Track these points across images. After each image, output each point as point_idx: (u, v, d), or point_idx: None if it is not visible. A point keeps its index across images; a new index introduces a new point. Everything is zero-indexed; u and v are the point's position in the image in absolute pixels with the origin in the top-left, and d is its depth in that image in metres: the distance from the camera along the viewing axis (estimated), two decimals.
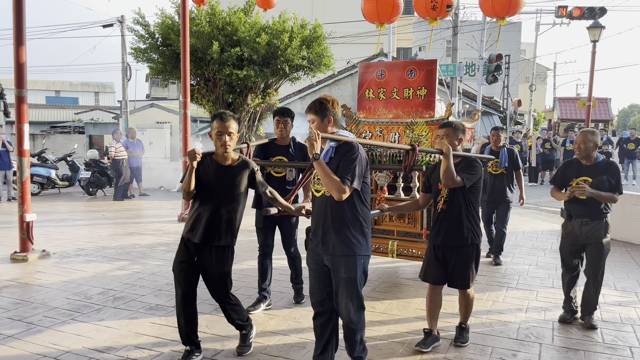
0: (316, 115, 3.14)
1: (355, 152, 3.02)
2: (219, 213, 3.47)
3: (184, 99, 9.47)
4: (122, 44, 21.02)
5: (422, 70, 5.45)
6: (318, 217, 3.15)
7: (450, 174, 3.62)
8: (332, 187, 2.93)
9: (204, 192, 3.47)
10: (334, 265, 3.06)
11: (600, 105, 27.48)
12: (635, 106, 78.94)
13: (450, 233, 3.79)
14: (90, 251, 6.95)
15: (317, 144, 2.94)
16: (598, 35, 10.23)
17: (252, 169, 3.58)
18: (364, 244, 3.09)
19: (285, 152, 4.69)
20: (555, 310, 4.84)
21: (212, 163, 3.50)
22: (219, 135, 3.42)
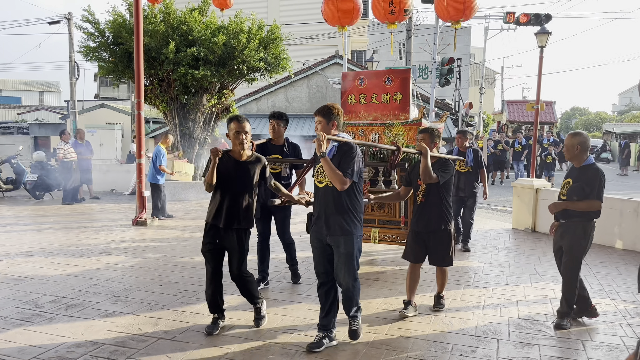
0: (323, 118, 3.80)
1: (354, 151, 3.75)
2: (238, 201, 4.08)
3: (137, 99, 9.21)
4: (70, 42, 20.30)
5: (397, 78, 6.29)
6: (321, 204, 3.86)
7: (427, 172, 4.34)
8: (336, 180, 3.65)
9: (224, 184, 4.08)
10: (335, 243, 3.78)
11: (546, 108, 28.62)
12: (577, 109, 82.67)
13: (428, 221, 4.54)
14: (40, 257, 6.66)
15: (324, 143, 3.60)
16: (545, 41, 10.66)
17: (263, 163, 4.25)
18: (358, 226, 3.83)
19: (280, 151, 5.36)
20: (510, 307, 5.00)
21: (230, 159, 4.12)
22: (237, 135, 4.06)
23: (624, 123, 46.92)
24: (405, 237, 5.83)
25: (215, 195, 4.14)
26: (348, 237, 3.76)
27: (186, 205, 11.68)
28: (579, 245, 4.44)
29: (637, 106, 58.63)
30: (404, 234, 6.00)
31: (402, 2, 5.76)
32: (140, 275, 5.88)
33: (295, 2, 28.20)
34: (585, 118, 70.94)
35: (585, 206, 4.35)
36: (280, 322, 4.49)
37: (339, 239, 3.76)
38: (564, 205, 4.43)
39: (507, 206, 12.17)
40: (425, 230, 4.58)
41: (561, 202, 4.47)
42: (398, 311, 4.70)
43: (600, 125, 56.90)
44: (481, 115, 33.84)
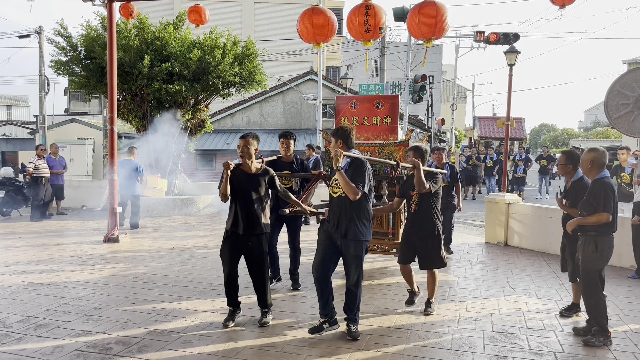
0: (340, 139, 4.44)
1: (365, 166, 4.34)
2: (252, 209, 4.58)
3: (110, 114, 9.10)
4: (40, 56, 19.95)
5: (387, 102, 6.92)
6: (335, 211, 4.43)
7: (421, 182, 4.83)
8: (350, 191, 4.21)
9: (238, 195, 4.59)
10: (346, 246, 4.35)
11: (516, 125, 29.31)
12: (545, 125, 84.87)
13: (422, 227, 5.10)
14: (7, 276, 6.45)
15: (340, 159, 4.20)
16: (514, 59, 10.95)
17: (271, 175, 4.74)
18: (367, 232, 4.41)
19: (290, 167, 5.95)
20: (484, 320, 5.06)
21: (242, 172, 4.63)
22: (242, 150, 4.61)
23: (590, 139, 48.34)
24: (392, 247, 6.49)
25: (231, 205, 4.66)
26: (358, 242, 4.34)
27: (159, 222, 11.50)
28: (590, 259, 4.46)
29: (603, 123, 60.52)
30: (391, 244, 6.51)
31: (377, 20, 5.85)
32: (113, 293, 5.75)
33: (270, 19, 28.39)
34: (553, 134, 72.85)
35: (595, 220, 4.40)
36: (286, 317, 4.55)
37: (350, 243, 4.32)
38: (577, 222, 4.58)
39: (479, 220, 12.35)
40: (419, 235, 5.12)
41: (575, 220, 4.61)
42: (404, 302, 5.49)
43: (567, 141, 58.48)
44: (453, 131, 34.44)
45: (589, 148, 4.64)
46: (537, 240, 8.81)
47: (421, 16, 5.81)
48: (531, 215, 9.00)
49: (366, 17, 5.83)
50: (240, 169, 4.64)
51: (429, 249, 5.12)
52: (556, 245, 8.34)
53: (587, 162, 4.55)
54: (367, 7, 5.87)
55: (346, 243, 4.34)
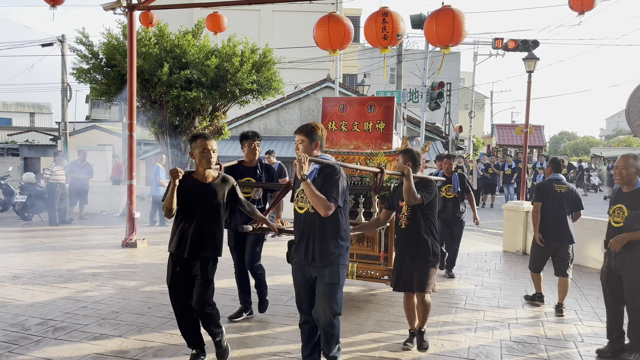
0: (306, 137, 3.50)
1: (337, 173, 3.43)
2: (203, 227, 3.75)
3: (129, 120, 9.23)
4: (63, 64, 20.35)
5: (380, 106, 5.98)
6: (303, 232, 3.52)
7: (411, 192, 4.07)
8: (320, 205, 3.32)
9: (187, 209, 3.75)
10: (319, 273, 3.46)
11: (535, 132, 29.01)
12: (565, 133, 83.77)
13: (413, 245, 4.30)
14: (27, 279, 6.56)
15: (305, 166, 3.28)
16: (533, 66, 10.85)
17: (232, 184, 3.91)
18: (344, 255, 3.51)
19: (253, 173, 5.03)
20: (502, 329, 4.99)
21: (194, 181, 3.77)
22: (204, 153, 3.74)
23: (612, 147, 47.57)
24: (385, 274, 5.50)
25: (178, 221, 3.81)
26: (333, 268, 3.44)
27: None
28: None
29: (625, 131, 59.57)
30: (383, 270, 5.50)
31: (394, 27, 5.86)
32: (130, 298, 5.81)
33: (288, 26, 28.59)
34: (574, 142, 71.84)
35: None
36: (271, 344, 4.45)
37: (323, 269, 3.44)
38: (628, 238, 4.08)
39: (497, 229, 12.21)
40: (412, 255, 4.32)
41: (624, 236, 4.10)
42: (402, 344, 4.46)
43: (588, 150, 57.63)
44: (471, 138, 34.19)
45: (626, 154, 4.27)
46: None
47: (438, 23, 5.80)
48: None
49: (383, 23, 5.84)
50: (192, 177, 3.79)
51: (420, 270, 4.29)
52: (576, 256, 8.18)
53: (634, 169, 4.16)
54: (385, 14, 5.88)
55: (319, 271, 3.46)
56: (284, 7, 27.86)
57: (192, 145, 3.79)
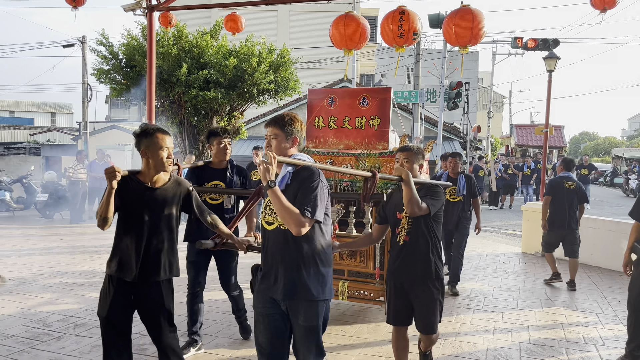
0: (281, 130, 2.73)
1: (316, 178, 2.65)
2: (152, 244, 3.02)
3: (149, 120, 9.32)
4: (83, 65, 20.64)
5: (375, 98, 5.17)
6: (271, 255, 2.72)
7: (414, 201, 3.20)
8: (290, 220, 2.53)
9: (131, 220, 3.01)
10: (293, 310, 2.68)
11: (555, 132, 28.61)
12: (586, 133, 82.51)
13: (415, 267, 3.41)
14: (49, 276, 6.67)
15: (272, 168, 2.47)
16: (554, 65, 10.70)
17: (187, 188, 3.18)
18: (325, 286, 2.70)
19: (222, 177, 4.24)
20: (521, 332, 4.93)
21: (139, 185, 3.01)
22: (160, 151, 2.99)
23: (634, 148, 46.69)
24: (380, 294, 4.66)
25: (119, 237, 3.06)
26: (310, 305, 2.65)
27: None
28: None
29: None
30: (378, 290, 4.68)
31: (411, 26, 5.81)
32: None
33: (305, 26, 28.63)
34: (595, 143, 70.76)
35: None
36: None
37: (297, 305, 2.66)
38: None
39: (516, 230, 12.07)
40: (410, 280, 3.44)
41: None
42: None
43: (609, 150, 56.68)
44: (489, 139, 33.85)
45: None
46: None
47: (457, 23, 5.74)
48: None
49: (400, 22, 5.79)
50: (137, 179, 3.04)
51: (424, 303, 3.42)
52: (598, 257, 8.11)
53: None
54: (402, 12, 5.84)
55: (292, 306, 2.68)
56: (301, 7, 27.93)
57: (145, 142, 3.01)
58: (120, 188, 2.89)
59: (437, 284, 3.43)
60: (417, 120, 18.31)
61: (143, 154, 3.03)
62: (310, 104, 5.49)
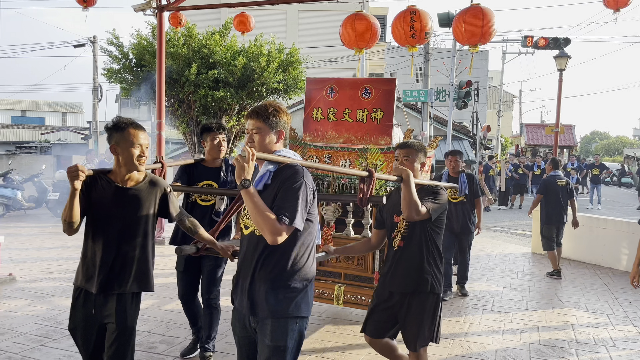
0: (264, 123, 2.38)
1: (299, 179, 2.29)
2: (123, 252, 2.73)
3: (158, 120, 9.40)
4: (94, 64, 20.81)
5: (378, 90, 4.81)
6: (244, 263, 2.40)
7: (414, 204, 2.89)
8: (264, 227, 2.19)
9: (99, 224, 2.72)
10: (260, 329, 2.34)
11: (565, 132, 28.40)
12: (597, 133, 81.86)
13: (408, 276, 3.09)
14: (60, 274, 6.73)
15: (248, 166, 2.14)
16: (564, 64, 10.63)
17: (163, 190, 2.87)
18: (301, 302, 2.34)
19: (216, 176, 3.93)
20: (530, 332, 4.91)
21: (109, 185, 2.73)
22: (131, 148, 2.69)
23: None
24: None
25: (87, 243, 2.79)
26: (279, 322, 2.30)
27: None
28: None
29: None
30: None
31: (422, 25, 5.80)
32: (158, 294, 5.90)
33: (314, 26, 28.63)
34: (606, 142, 70.15)
35: None
36: None
37: (264, 323, 2.31)
38: None
39: (526, 230, 12.00)
40: (402, 291, 3.11)
41: None
42: None
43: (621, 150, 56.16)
44: (499, 138, 33.67)
45: None
46: (587, 251, 8.47)
47: (467, 21, 5.73)
48: (582, 225, 8.65)
49: (412, 22, 5.78)
50: (108, 178, 2.75)
51: (414, 315, 3.07)
52: (608, 258, 8.05)
53: None
54: (413, 12, 5.83)
55: (260, 324, 2.34)
56: (310, 6, 27.93)
57: (116, 137, 2.72)
58: (89, 188, 2.69)
59: (431, 298, 3.08)
60: (426, 120, 18.26)
61: (112, 150, 2.75)
62: (308, 94, 5.12)
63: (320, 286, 4.66)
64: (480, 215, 6.35)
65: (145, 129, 2.80)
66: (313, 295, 2.47)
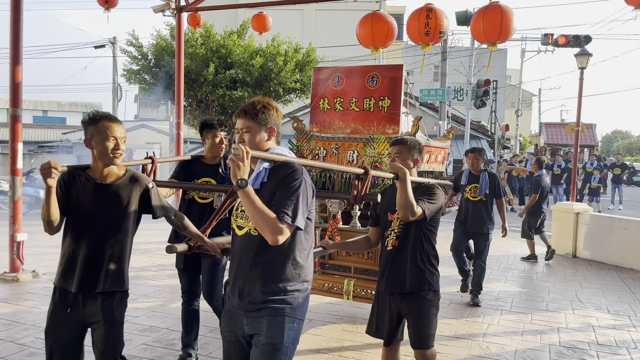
0: (254, 122, 2.30)
1: (298, 176, 2.24)
2: (101, 248, 2.63)
3: (177, 119, 9.49)
4: (114, 65, 21.10)
5: (385, 77, 4.69)
6: (239, 264, 2.32)
7: (409, 204, 2.85)
8: (265, 227, 2.13)
9: (79, 222, 2.63)
10: (255, 327, 2.25)
11: (586, 131, 27.99)
12: (619, 132, 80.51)
13: (403, 277, 3.05)
14: None
15: (244, 165, 2.08)
16: (585, 62, 10.48)
17: (144, 186, 2.76)
18: (298, 303, 2.29)
19: (214, 173, 3.86)
20: (550, 334, 4.85)
21: (88, 181, 2.64)
22: (105, 141, 2.59)
23: None
24: None
25: (65, 241, 2.66)
26: (276, 319, 2.24)
27: None
28: None
29: None
30: None
31: (437, 24, 5.77)
32: (176, 292, 5.94)
33: (331, 26, 28.64)
34: (628, 141, 68.94)
35: None
36: None
37: (260, 321, 2.24)
38: None
39: (545, 230, 11.85)
40: (399, 291, 3.07)
41: None
42: None
43: None
44: (518, 137, 33.32)
45: None
46: (609, 252, 8.34)
47: (486, 20, 5.68)
48: (603, 226, 8.54)
49: (427, 20, 5.76)
50: (87, 175, 2.66)
51: (416, 315, 3.06)
52: (630, 259, 7.92)
53: None
54: (429, 10, 5.81)
55: (254, 324, 2.26)
56: (327, 6, 27.94)
57: (90, 130, 2.62)
58: (67, 185, 2.61)
59: (429, 296, 3.05)
60: (444, 119, 18.15)
61: (87, 143, 2.65)
62: (315, 84, 5.02)
63: (329, 280, 4.56)
64: (504, 216, 6.09)
65: (121, 122, 2.69)
66: (309, 299, 2.41)
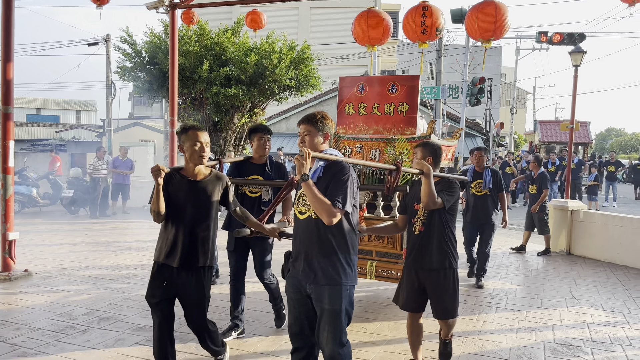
0: (314, 127, 2.97)
1: (346, 172, 2.88)
2: (195, 233, 3.31)
3: (171, 117, 9.42)
4: (107, 62, 20.95)
5: (403, 85, 5.46)
6: (301, 242, 2.95)
7: (432, 195, 3.45)
8: (323, 211, 2.77)
9: (177, 212, 3.29)
10: (317, 294, 2.87)
11: (580, 129, 28.09)
12: (612, 130, 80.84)
13: (429, 256, 3.62)
14: (74, 270, 6.80)
15: (307, 163, 2.71)
16: (580, 60, 10.48)
17: (225, 183, 3.49)
18: (350, 273, 2.90)
19: (262, 171, 4.55)
20: (545, 331, 4.85)
21: (183, 179, 3.34)
22: (193, 146, 3.30)
23: None
24: None
25: (166, 227, 3.34)
26: (334, 289, 2.85)
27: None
28: None
29: None
30: None
31: (434, 22, 5.75)
32: None
33: (326, 23, 28.58)
34: (621, 139, 69.25)
35: None
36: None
37: (322, 289, 2.86)
38: None
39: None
40: (425, 268, 3.65)
41: None
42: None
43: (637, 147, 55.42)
44: (512, 135, 33.38)
45: None
46: (603, 249, 8.37)
47: (480, 16, 5.66)
48: (597, 223, 8.56)
49: (423, 17, 5.74)
50: (181, 174, 3.36)
51: (440, 292, 3.64)
52: (624, 256, 7.94)
53: None
54: (425, 8, 5.79)
55: (317, 290, 2.87)
56: (322, 3, 27.82)
57: (182, 138, 3.34)
58: (166, 183, 3.22)
59: (449, 273, 3.63)
60: (439, 117, 18.14)
61: (180, 149, 3.37)
62: (340, 92, 5.76)
63: None
64: (505, 209, 6.83)
65: (205, 130, 3.40)
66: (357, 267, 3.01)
